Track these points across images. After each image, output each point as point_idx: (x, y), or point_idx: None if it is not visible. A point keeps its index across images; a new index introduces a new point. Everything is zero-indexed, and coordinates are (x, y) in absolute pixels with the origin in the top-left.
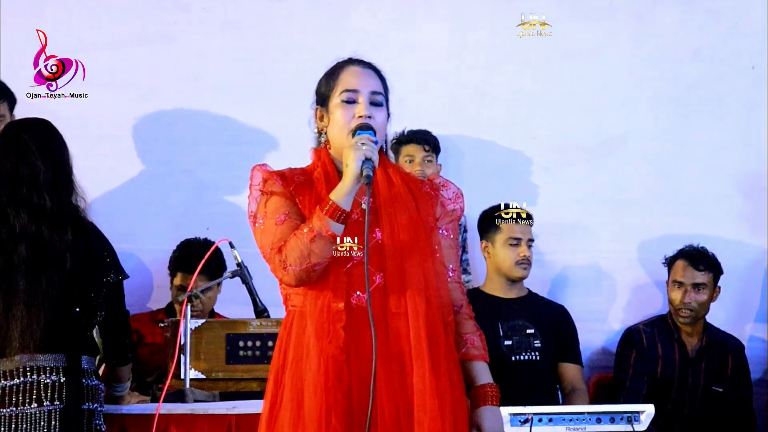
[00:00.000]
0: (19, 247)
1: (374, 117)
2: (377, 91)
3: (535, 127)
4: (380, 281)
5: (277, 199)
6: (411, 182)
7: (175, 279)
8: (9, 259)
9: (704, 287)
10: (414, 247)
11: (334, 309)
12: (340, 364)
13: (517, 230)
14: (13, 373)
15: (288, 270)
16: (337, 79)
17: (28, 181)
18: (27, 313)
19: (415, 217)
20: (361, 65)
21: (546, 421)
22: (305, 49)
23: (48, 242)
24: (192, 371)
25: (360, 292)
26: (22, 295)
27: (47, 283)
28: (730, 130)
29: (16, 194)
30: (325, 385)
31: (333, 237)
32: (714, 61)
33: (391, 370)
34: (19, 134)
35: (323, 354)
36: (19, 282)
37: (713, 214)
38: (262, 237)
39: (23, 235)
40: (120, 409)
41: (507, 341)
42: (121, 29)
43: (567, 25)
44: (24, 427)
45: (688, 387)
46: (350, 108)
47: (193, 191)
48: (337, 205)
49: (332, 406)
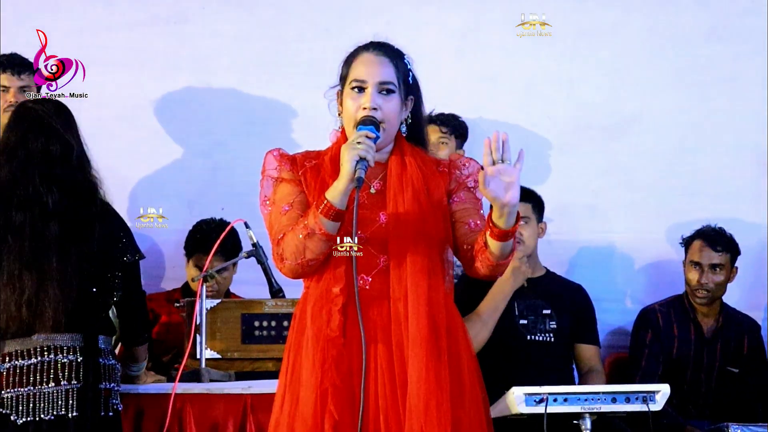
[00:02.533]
0: (51, 225)
1: (381, 107)
2: (386, 81)
3: (551, 107)
4: (383, 264)
5: (285, 186)
6: (426, 165)
7: (191, 259)
8: (41, 237)
9: (721, 268)
10: (420, 231)
11: (332, 292)
12: (338, 347)
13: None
14: (30, 352)
15: (285, 263)
16: (350, 67)
17: (61, 160)
18: (60, 291)
19: (424, 202)
20: (375, 52)
21: (561, 400)
22: (320, 29)
23: (77, 217)
24: (208, 351)
25: (365, 275)
26: (55, 274)
27: (77, 257)
28: (746, 109)
29: (50, 173)
30: (322, 367)
31: (326, 235)
32: (730, 39)
33: (392, 355)
34: (43, 114)
35: (320, 337)
36: (52, 260)
37: (730, 194)
38: (269, 224)
39: (56, 213)
40: (136, 389)
41: (522, 320)
42: (136, 10)
43: (583, 4)
44: (41, 406)
45: (704, 367)
46: (358, 97)
47: (208, 171)
48: (331, 205)
49: (329, 389)
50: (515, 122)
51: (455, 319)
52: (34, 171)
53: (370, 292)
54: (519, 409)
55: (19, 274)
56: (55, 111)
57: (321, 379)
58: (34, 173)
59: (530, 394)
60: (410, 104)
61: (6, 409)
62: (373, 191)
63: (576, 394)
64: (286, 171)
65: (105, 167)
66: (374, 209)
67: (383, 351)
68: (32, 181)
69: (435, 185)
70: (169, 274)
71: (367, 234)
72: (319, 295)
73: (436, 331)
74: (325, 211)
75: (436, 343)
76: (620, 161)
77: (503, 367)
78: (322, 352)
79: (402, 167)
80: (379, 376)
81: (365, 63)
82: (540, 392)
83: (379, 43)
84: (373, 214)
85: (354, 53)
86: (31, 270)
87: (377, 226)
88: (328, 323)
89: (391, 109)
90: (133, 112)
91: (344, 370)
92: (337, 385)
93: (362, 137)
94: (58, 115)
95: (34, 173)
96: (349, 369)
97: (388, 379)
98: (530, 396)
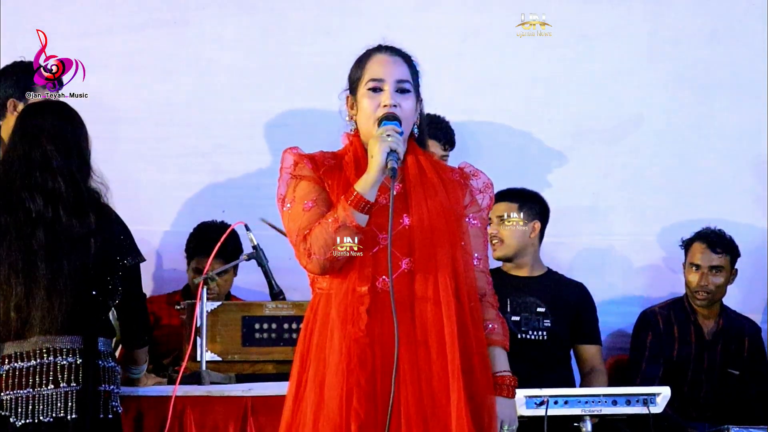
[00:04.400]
0: (37, 232)
1: (401, 105)
2: (403, 79)
3: (551, 110)
4: (406, 267)
5: (306, 184)
6: (441, 169)
7: (192, 262)
8: (28, 243)
9: (721, 270)
10: (444, 232)
11: (358, 292)
12: (363, 347)
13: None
14: (29, 354)
15: (312, 258)
16: (364, 68)
17: (41, 166)
18: (48, 298)
19: (446, 204)
20: (389, 53)
21: (562, 403)
22: (321, 32)
23: (67, 227)
24: (208, 353)
25: (386, 277)
26: (43, 280)
27: (70, 268)
28: (747, 112)
29: (30, 178)
30: (347, 367)
31: (357, 228)
32: (731, 42)
33: (416, 356)
34: (32, 119)
35: (346, 337)
36: (39, 267)
37: (730, 196)
38: (289, 222)
39: (40, 220)
40: (136, 391)
41: (515, 317)
42: (136, 13)
43: (583, 7)
44: (40, 408)
45: (705, 369)
46: (376, 97)
47: (208, 174)
48: (361, 196)
49: (354, 389)
50: (515, 126)
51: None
52: (15, 176)
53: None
54: (519, 411)
55: (7, 278)
56: (50, 117)
57: (346, 379)
58: (15, 178)
59: (530, 397)
60: (420, 105)
61: (5, 411)
62: (394, 193)
63: (576, 397)
64: (307, 169)
65: (105, 169)
66: (396, 211)
67: (406, 352)
68: (13, 186)
69: (452, 190)
70: (170, 277)
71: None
72: (344, 295)
73: (465, 331)
74: (355, 202)
75: (463, 345)
76: (620, 163)
77: None
78: (348, 352)
79: (420, 169)
80: (402, 377)
81: (381, 63)
82: (540, 394)
83: (390, 46)
84: (398, 215)
85: (366, 55)
86: (18, 275)
87: (401, 228)
88: (354, 323)
89: (408, 107)
90: (134, 114)
91: (368, 370)
92: (361, 385)
93: (391, 130)
94: (50, 122)
95: (14, 178)
96: (373, 369)
97: (410, 381)
98: (530, 398)
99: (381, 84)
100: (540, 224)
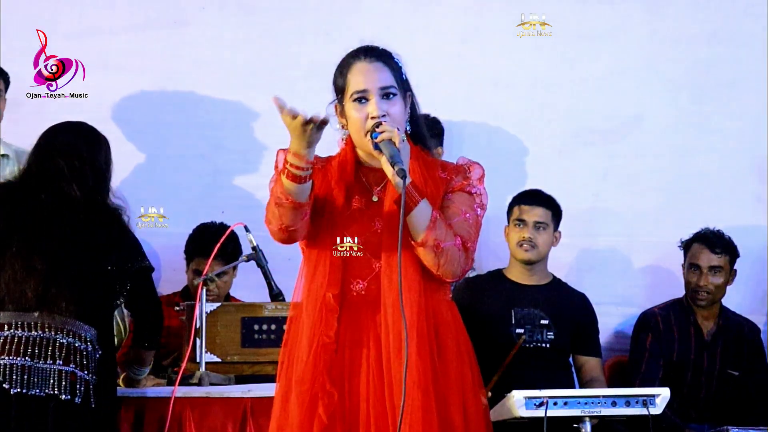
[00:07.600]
0: (53, 221)
1: (388, 112)
2: (386, 86)
3: (551, 110)
4: (378, 270)
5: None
6: (429, 169)
7: (191, 263)
8: (47, 229)
9: (720, 270)
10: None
11: (327, 297)
12: (330, 352)
13: (523, 211)
14: (31, 326)
15: (269, 228)
16: (346, 79)
17: (55, 175)
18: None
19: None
20: (368, 59)
21: (561, 404)
22: (320, 33)
23: (80, 223)
24: (207, 354)
25: (361, 280)
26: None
27: (82, 260)
28: (746, 113)
29: (46, 183)
30: (313, 371)
31: (293, 203)
32: (731, 42)
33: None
34: (48, 138)
35: (313, 341)
36: (57, 251)
37: (730, 197)
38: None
39: (55, 213)
40: (136, 392)
41: (519, 329)
42: (136, 13)
43: (583, 7)
44: (34, 380)
45: (704, 370)
46: (363, 108)
47: (208, 175)
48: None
49: (318, 393)
50: (515, 126)
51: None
52: (32, 181)
53: (365, 297)
54: (519, 412)
55: (29, 255)
56: (63, 136)
57: (311, 384)
58: (32, 183)
59: (530, 398)
60: (409, 101)
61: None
62: (375, 199)
63: (576, 398)
64: None
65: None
66: (373, 216)
67: (375, 356)
68: (29, 187)
69: (435, 190)
70: (169, 278)
71: (362, 239)
72: (314, 299)
73: (426, 336)
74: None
75: (427, 347)
76: (620, 164)
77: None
78: (315, 356)
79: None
80: (370, 380)
81: (362, 72)
82: (540, 396)
83: (368, 49)
84: (371, 220)
85: (346, 64)
86: (41, 254)
87: (372, 232)
88: (323, 328)
89: (397, 112)
90: (134, 114)
91: (335, 375)
92: (327, 389)
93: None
94: (65, 140)
95: (31, 183)
96: (341, 374)
97: (377, 385)
98: (530, 399)
99: (366, 94)
100: (559, 234)
